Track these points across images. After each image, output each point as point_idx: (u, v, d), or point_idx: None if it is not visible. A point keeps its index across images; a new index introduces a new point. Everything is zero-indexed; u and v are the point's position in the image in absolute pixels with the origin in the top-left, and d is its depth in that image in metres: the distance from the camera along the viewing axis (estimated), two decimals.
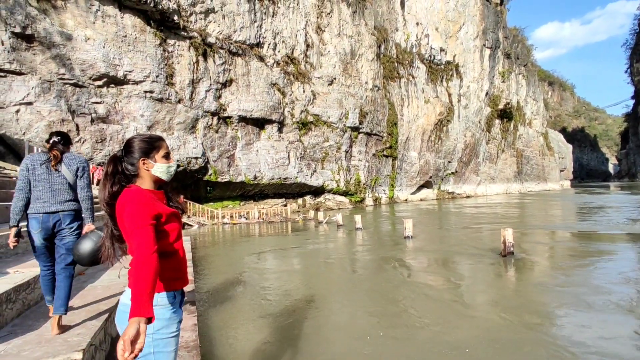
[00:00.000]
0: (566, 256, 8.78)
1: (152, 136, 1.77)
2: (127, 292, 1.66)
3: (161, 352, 1.61)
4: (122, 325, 1.64)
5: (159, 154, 1.74)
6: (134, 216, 1.54)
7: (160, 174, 1.73)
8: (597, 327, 4.21)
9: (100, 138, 17.56)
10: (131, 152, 1.70)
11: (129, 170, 1.70)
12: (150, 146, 1.73)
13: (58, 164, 3.05)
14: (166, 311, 1.63)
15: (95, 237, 2.59)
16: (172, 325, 1.65)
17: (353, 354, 3.74)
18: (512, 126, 54.32)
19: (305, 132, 27.16)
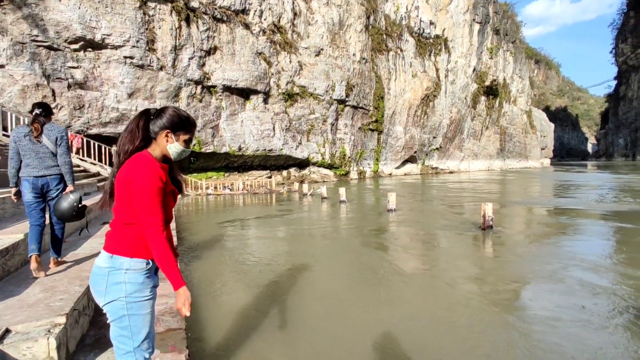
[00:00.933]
0: (541, 231, 9.12)
1: (190, 118, 1.78)
2: (102, 254, 1.68)
3: (135, 314, 1.65)
4: (95, 287, 1.66)
5: (183, 135, 1.74)
6: (145, 185, 1.58)
7: (172, 152, 1.75)
8: (555, 299, 4.45)
9: (78, 105, 16.98)
10: (162, 118, 1.71)
11: (151, 132, 1.71)
12: (182, 125, 1.73)
13: (39, 136, 3.48)
14: (139, 276, 1.66)
15: (73, 195, 2.87)
16: (145, 290, 1.68)
17: (329, 318, 3.88)
18: (497, 103, 54.72)
19: (291, 103, 26.80)
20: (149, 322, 1.72)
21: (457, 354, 3.17)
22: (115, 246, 1.66)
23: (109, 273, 1.63)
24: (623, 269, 5.61)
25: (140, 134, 1.69)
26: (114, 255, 1.65)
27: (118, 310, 1.64)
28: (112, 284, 1.63)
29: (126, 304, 1.64)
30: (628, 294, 4.49)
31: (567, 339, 3.37)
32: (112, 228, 1.71)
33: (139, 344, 1.69)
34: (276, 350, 3.25)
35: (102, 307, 1.67)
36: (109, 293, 1.63)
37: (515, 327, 3.65)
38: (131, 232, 1.67)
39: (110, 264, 1.64)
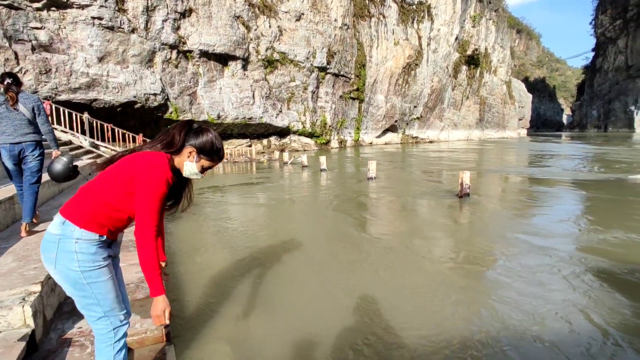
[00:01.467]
0: (515, 198, 9.43)
1: (221, 151, 1.81)
2: (55, 220, 1.63)
3: (95, 282, 1.64)
4: (45, 253, 1.62)
5: (205, 161, 1.78)
6: (153, 187, 1.58)
7: (186, 169, 1.76)
8: (523, 263, 4.67)
9: (44, 69, 16.05)
10: (198, 137, 1.73)
11: (173, 142, 1.72)
12: (208, 151, 1.76)
13: (15, 104, 3.60)
14: (90, 246, 1.62)
15: (66, 158, 3.00)
16: (98, 258, 1.65)
17: (307, 283, 3.97)
18: (478, 73, 54.85)
19: (270, 70, 26.11)
20: (112, 286, 1.70)
21: (420, 315, 3.32)
22: (72, 212, 1.62)
23: (60, 241, 1.59)
24: (588, 234, 5.91)
25: (179, 144, 1.71)
26: (66, 220, 1.60)
27: (76, 281, 1.62)
28: (63, 252, 1.59)
29: (82, 273, 1.61)
30: (592, 259, 4.75)
31: (528, 297, 3.57)
32: (80, 196, 1.65)
33: (109, 308, 1.69)
34: (255, 314, 3.32)
35: (52, 274, 1.64)
36: (59, 260, 1.60)
37: (480, 290, 3.83)
38: (98, 209, 1.62)
39: (61, 231, 1.60)
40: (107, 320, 1.69)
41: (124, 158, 1.68)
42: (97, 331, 1.72)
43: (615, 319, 3.20)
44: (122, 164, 1.65)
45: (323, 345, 2.82)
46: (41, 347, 2.25)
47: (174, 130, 1.72)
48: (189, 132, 1.74)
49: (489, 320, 3.20)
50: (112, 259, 1.77)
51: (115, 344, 1.72)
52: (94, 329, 1.73)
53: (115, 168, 1.65)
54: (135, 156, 1.65)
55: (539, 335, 2.95)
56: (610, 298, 3.59)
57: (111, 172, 1.64)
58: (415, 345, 2.81)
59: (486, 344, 2.83)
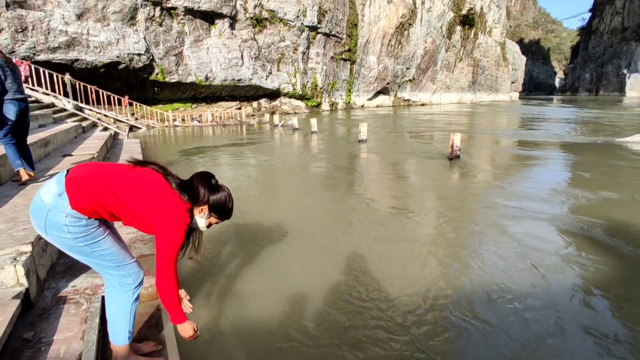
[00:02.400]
0: (505, 160, 9.54)
1: (230, 212, 1.84)
2: (52, 186, 1.60)
3: (93, 242, 1.65)
4: (34, 219, 1.61)
5: (213, 219, 1.81)
6: (172, 240, 1.62)
7: (195, 223, 1.79)
8: (510, 227, 4.79)
9: (20, 27, 15.25)
10: (214, 194, 1.75)
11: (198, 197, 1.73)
12: (219, 211, 1.78)
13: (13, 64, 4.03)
14: (80, 220, 1.61)
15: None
16: (90, 226, 1.65)
17: (294, 243, 4.04)
18: (473, 34, 53.66)
19: (259, 29, 25.19)
20: (112, 242, 1.72)
21: (406, 273, 3.42)
22: (75, 192, 1.57)
23: (49, 211, 1.57)
24: (574, 195, 6.04)
25: (204, 200, 1.73)
26: (64, 193, 1.56)
27: (72, 246, 1.64)
28: (53, 222, 1.58)
29: (75, 240, 1.62)
30: (578, 218, 4.89)
31: (515, 254, 3.70)
32: (92, 176, 1.60)
33: (119, 259, 1.73)
34: (246, 271, 3.39)
35: (45, 238, 1.65)
36: (49, 228, 1.59)
37: (467, 249, 3.95)
38: (103, 199, 1.59)
39: (54, 201, 1.56)
40: (122, 270, 1.74)
41: (154, 181, 1.65)
42: (115, 281, 1.76)
43: (600, 273, 3.35)
44: (149, 188, 1.62)
45: (311, 299, 2.91)
46: (36, 305, 2.28)
47: (199, 183, 1.73)
48: (209, 188, 1.76)
49: (476, 275, 3.32)
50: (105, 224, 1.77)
51: (135, 290, 1.79)
52: (112, 279, 1.76)
53: (141, 189, 1.62)
54: (166, 196, 1.64)
55: (525, 288, 3.08)
56: (595, 253, 3.73)
57: (135, 188, 1.61)
58: (403, 300, 2.92)
59: (474, 298, 2.95)
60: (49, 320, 2.13)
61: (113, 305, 1.78)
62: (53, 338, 1.96)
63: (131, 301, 1.79)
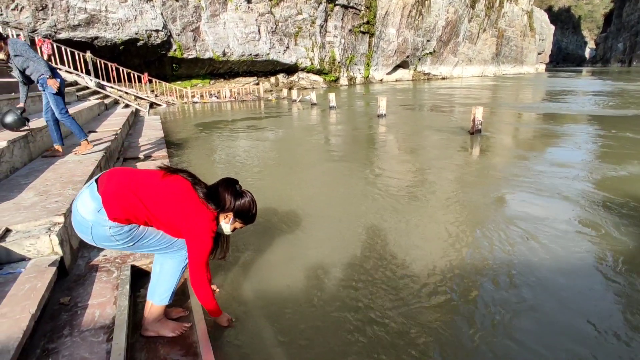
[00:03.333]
0: (528, 135, 9.25)
1: (254, 216, 1.93)
2: (89, 201, 1.65)
3: (139, 239, 1.77)
4: (81, 234, 1.72)
5: (238, 223, 1.90)
6: (202, 247, 1.74)
7: (221, 229, 1.89)
8: (535, 205, 4.70)
9: (40, 5, 15.40)
10: (238, 200, 1.84)
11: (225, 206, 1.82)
12: (244, 216, 1.88)
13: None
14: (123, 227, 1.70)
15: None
16: (133, 230, 1.74)
17: (315, 219, 4.09)
18: (498, 2, 51.12)
19: (276, 2, 24.69)
20: (156, 231, 1.81)
21: (428, 248, 3.43)
22: (111, 205, 1.64)
23: (93, 227, 1.65)
24: (602, 171, 5.86)
25: (230, 208, 1.82)
26: (102, 209, 1.63)
27: (129, 249, 1.78)
28: (99, 236, 1.68)
29: (127, 243, 1.74)
30: (606, 196, 4.76)
31: (538, 233, 3.66)
32: (124, 194, 1.66)
33: (164, 242, 1.84)
34: (266, 246, 3.47)
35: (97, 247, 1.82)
36: (97, 241, 1.70)
37: (489, 227, 3.92)
38: (132, 216, 1.68)
39: (94, 217, 1.64)
40: (172, 247, 1.88)
41: (183, 190, 1.73)
42: (173, 258, 1.90)
43: (620, 248, 3.28)
44: (179, 199, 1.71)
45: (332, 273, 2.97)
46: (71, 272, 2.42)
47: (225, 191, 1.82)
48: (233, 195, 1.83)
49: (497, 253, 3.31)
50: None
51: (187, 259, 1.87)
52: (170, 257, 1.90)
53: (172, 201, 1.70)
54: (194, 206, 1.72)
55: (548, 265, 3.06)
56: (619, 230, 3.65)
57: (166, 199, 1.70)
58: (424, 274, 2.95)
59: (495, 273, 2.96)
60: (83, 286, 2.26)
61: (164, 267, 1.92)
62: (87, 303, 2.09)
63: (182, 266, 1.92)
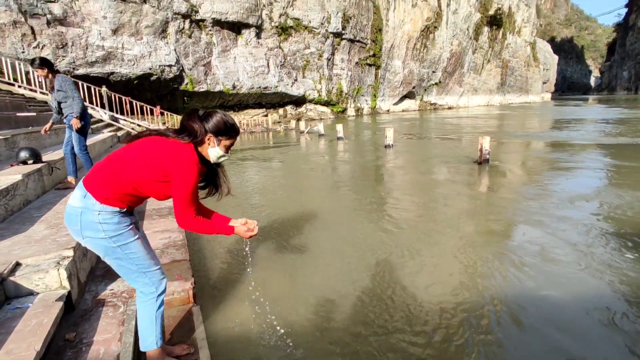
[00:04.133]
0: (536, 164, 9.21)
1: (235, 125, 1.83)
2: (77, 192, 1.68)
3: (124, 243, 1.71)
4: (70, 225, 1.69)
5: (225, 141, 1.80)
6: (188, 181, 1.65)
7: (212, 156, 1.80)
8: (546, 237, 4.62)
9: (60, 43, 16.15)
10: (208, 122, 1.75)
11: (196, 133, 1.73)
12: (224, 130, 1.77)
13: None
14: (113, 216, 1.68)
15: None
16: (122, 224, 1.71)
17: (323, 249, 4.05)
18: (501, 34, 52.33)
19: (285, 37, 25.57)
20: (141, 245, 1.78)
21: (437, 281, 3.36)
22: (94, 186, 1.65)
23: (82, 213, 1.64)
24: (612, 202, 5.76)
25: (202, 133, 1.73)
26: (87, 194, 1.65)
27: (106, 247, 1.69)
28: (87, 223, 1.65)
29: (110, 239, 1.68)
30: (616, 228, 4.66)
31: (545, 267, 3.56)
32: (102, 167, 1.68)
33: (144, 264, 1.77)
34: (276, 276, 3.43)
35: (84, 244, 1.72)
36: (84, 231, 1.66)
37: (498, 261, 3.83)
38: (120, 189, 1.66)
39: (83, 203, 1.64)
40: (145, 277, 1.79)
41: (153, 141, 1.68)
42: (139, 288, 1.82)
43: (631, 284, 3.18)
44: (151, 148, 1.65)
45: (342, 305, 2.91)
46: (77, 307, 2.40)
47: (188, 121, 1.73)
48: (199, 119, 1.75)
49: (505, 287, 3.22)
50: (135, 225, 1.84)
51: (158, 298, 1.83)
52: (136, 287, 1.82)
53: (144, 151, 1.65)
54: (166, 146, 1.66)
55: (556, 302, 2.97)
56: (629, 266, 3.54)
57: (139, 154, 1.64)
58: (434, 308, 2.87)
59: (501, 309, 2.87)
60: (89, 322, 2.23)
61: (140, 313, 1.84)
62: (93, 339, 2.06)
63: (155, 309, 1.83)
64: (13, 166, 4.44)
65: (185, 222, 1.71)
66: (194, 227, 1.73)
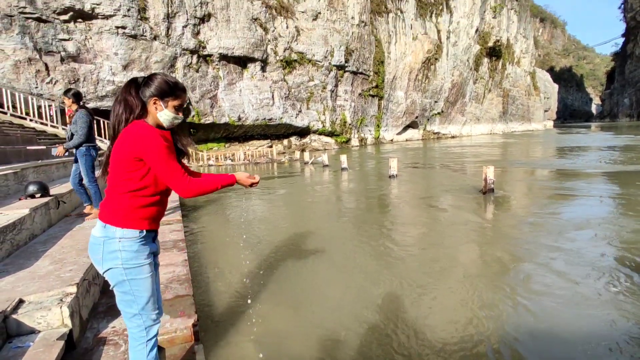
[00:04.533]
0: (541, 194, 9.16)
1: (178, 83, 1.76)
2: (97, 224, 1.71)
3: (135, 279, 1.70)
4: (93, 255, 1.70)
5: (172, 101, 1.73)
6: (155, 150, 1.60)
7: (164, 120, 1.74)
8: (553, 269, 4.54)
9: (72, 78, 16.70)
10: (150, 86, 1.69)
11: (135, 105, 1.68)
12: (170, 91, 1.72)
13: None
14: (133, 244, 1.69)
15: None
16: (141, 256, 1.71)
17: (331, 283, 3.99)
18: (500, 65, 53.47)
19: (289, 71, 26.27)
20: (150, 285, 1.76)
21: (442, 318, 3.28)
22: (109, 216, 1.68)
23: (104, 242, 1.67)
24: (621, 232, 5.68)
25: (139, 102, 1.69)
26: (107, 224, 1.67)
27: (117, 277, 1.69)
28: (108, 253, 1.67)
29: (124, 269, 1.68)
30: (626, 258, 4.57)
31: (557, 303, 3.48)
32: (107, 197, 1.72)
33: (143, 306, 1.75)
34: (280, 313, 3.37)
35: (103, 275, 1.72)
36: (105, 261, 1.67)
37: (506, 297, 3.75)
38: (126, 202, 1.67)
39: (104, 233, 1.67)
40: (140, 319, 1.76)
41: (115, 146, 1.68)
42: (130, 329, 1.79)
43: None
44: (116, 154, 1.65)
45: (347, 343, 2.84)
46: (79, 345, 2.36)
47: (124, 95, 1.68)
48: (139, 88, 1.71)
49: (514, 326, 3.14)
50: (153, 256, 1.83)
51: (148, 342, 1.79)
52: (127, 326, 1.80)
53: (115, 159, 1.66)
54: (121, 138, 1.65)
55: (567, 340, 2.88)
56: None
57: (115, 164, 1.66)
58: (436, 344, 2.79)
59: (510, 348, 2.78)
60: None
61: (133, 354, 1.80)
62: None
63: (145, 355, 1.78)
64: (21, 200, 4.50)
65: (184, 189, 1.65)
66: (196, 189, 1.68)
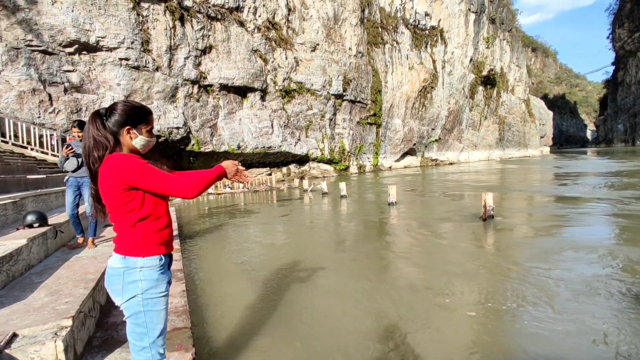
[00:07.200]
0: (542, 220, 9.13)
1: (144, 107, 1.74)
2: (115, 256, 1.70)
3: (151, 310, 1.68)
4: (111, 287, 1.68)
5: (146, 127, 1.73)
6: (141, 172, 1.58)
7: (139, 146, 1.74)
8: (555, 301, 4.47)
9: (75, 108, 16.94)
10: (116, 116, 1.66)
11: (108, 139, 1.65)
12: (140, 117, 1.71)
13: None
14: (154, 272, 1.68)
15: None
16: (160, 286, 1.71)
17: (331, 313, 3.90)
18: (495, 93, 54.62)
19: (288, 100, 26.74)
20: (163, 318, 1.74)
21: (440, 351, 3.20)
22: (127, 248, 1.67)
23: (124, 273, 1.66)
24: (623, 258, 5.63)
25: (110, 135, 1.65)
26: (126, 256, 1.67)
27: (134, 307, 1.67)
28: (128, 283, 1.65)
29: (142, 300, 1.66)
30: (630, 285, 4.52)
31: (560, 335, 3.40)
32: (118, 232, 1.71)
33: (154, 340, 1.72)
34: (281, 346, 3.27)
35: (120, 306, 1.69)
36: (126, 292, 1.66)
37: (506, 330, 3.68)
38: (140, 232, 1.67)
39: (124, 264, 1.66)
40: (149, 353, 1.72)
41: (100, 186, 1.65)
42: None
43: None
44: (105, 190, 1.63)
45: None
46: None
47: (91, 133, 1.63)
48: (103, 119, 1.67)
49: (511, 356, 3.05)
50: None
51: None
52: (134, 358, 1.75)
53: (107, 197, 1.64)
54: (102, 176, 1.62)
55: None
56: None
57: (110, 201, 1.64)
58: None
59: None
60: None
61: None
62: None
63: None
64: (19, 230, 4.46)
65: (185, 189, 1.62)
66: (195, 187, 1.64)
